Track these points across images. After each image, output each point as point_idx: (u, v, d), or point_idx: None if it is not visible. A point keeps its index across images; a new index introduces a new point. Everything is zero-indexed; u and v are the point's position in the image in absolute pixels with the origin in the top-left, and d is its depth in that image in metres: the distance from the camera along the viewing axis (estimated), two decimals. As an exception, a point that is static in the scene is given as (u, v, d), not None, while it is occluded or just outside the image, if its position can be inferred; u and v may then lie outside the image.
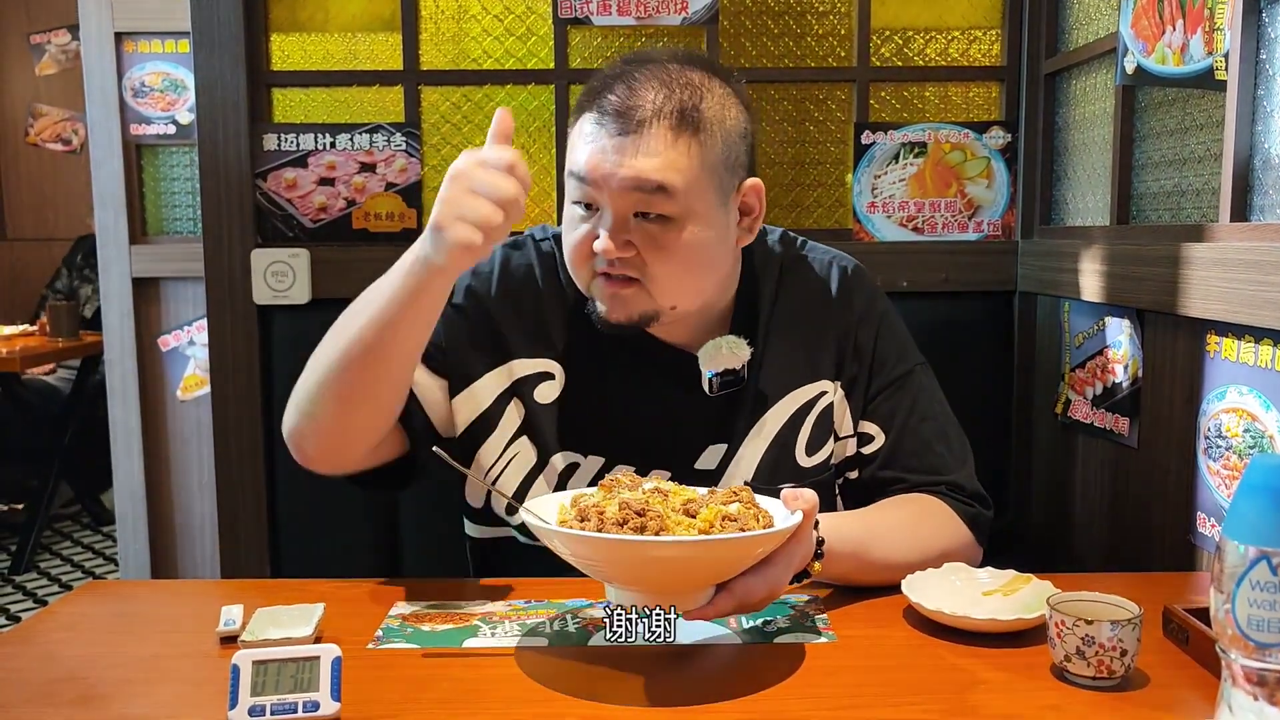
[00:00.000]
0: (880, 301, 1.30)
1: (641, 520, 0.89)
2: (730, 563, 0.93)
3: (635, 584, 0.93)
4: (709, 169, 1.12)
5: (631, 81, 1.11)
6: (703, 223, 1.12)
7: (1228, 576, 0.72)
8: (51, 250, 5.19)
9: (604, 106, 1.10)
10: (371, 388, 1.09)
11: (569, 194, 1.15)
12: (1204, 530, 1.38)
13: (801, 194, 2.04)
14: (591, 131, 1.11)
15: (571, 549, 0.92)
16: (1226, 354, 1.33)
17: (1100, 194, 1.74)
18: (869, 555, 1.11)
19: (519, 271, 1.25)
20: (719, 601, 0.95)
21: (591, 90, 1.13)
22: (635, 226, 1.11)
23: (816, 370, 1.25)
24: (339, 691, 0.84)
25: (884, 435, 1.24)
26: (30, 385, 4.16)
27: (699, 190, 1.11)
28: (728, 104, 1.14)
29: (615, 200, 1.10)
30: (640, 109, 1.09)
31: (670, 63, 1.13)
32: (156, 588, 1.61)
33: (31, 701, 0.89)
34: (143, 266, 2.55)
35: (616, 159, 1.09)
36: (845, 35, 2.02)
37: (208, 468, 2.47)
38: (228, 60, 1.94)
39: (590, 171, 1.10)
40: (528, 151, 2.03)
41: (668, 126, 1.09)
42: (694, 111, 1.10)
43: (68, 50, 5.52)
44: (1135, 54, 1.53)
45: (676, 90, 1.10)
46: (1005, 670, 0.94)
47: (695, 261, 1.14)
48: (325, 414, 1.12)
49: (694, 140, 1.10)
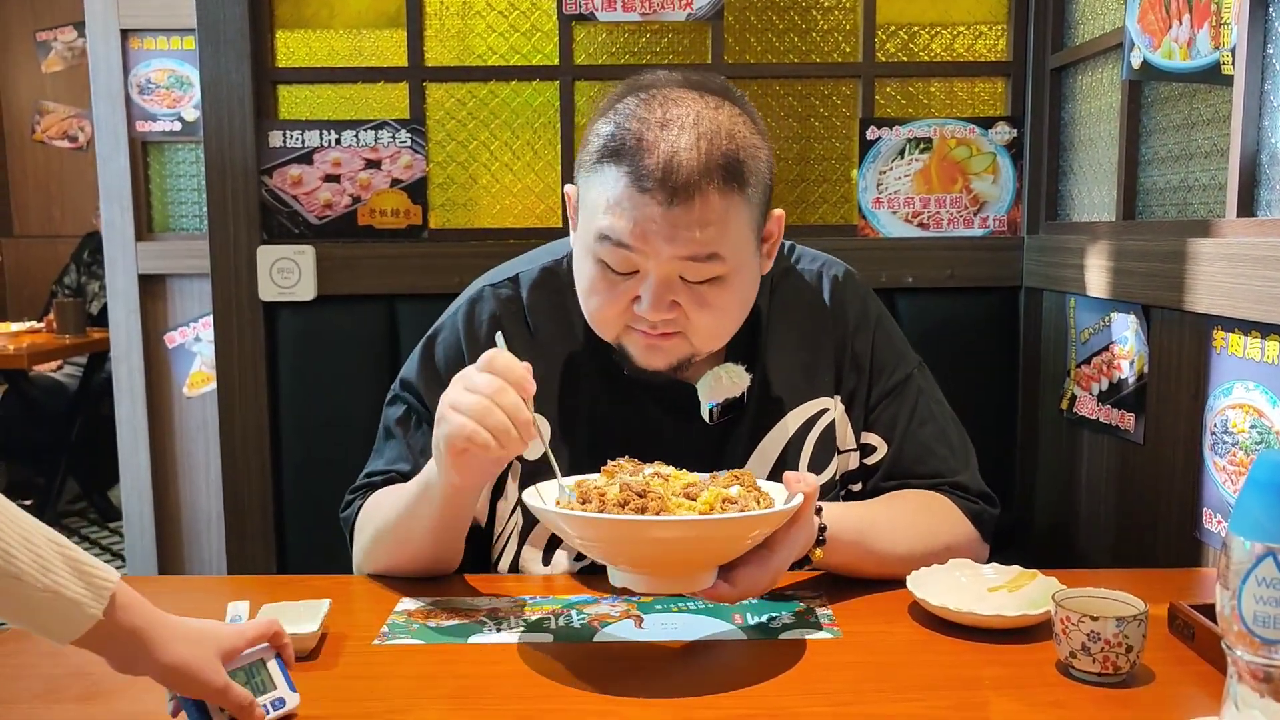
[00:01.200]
0: (873, 306, 1.27)
1: (642, 501, 0.90)
2: (730, 543, 0.94)
3: (635, 565, 0.94)
4: (751, 221, 1.08)
5: (666, 134, 1.03)
6: (746, 271, 1.10)
7: (1234, 573, 0.72)
8: (58, 247, 5.21)
9: (643, 169, 1.02)
10: (449, 551, 1.17)
11: (595, 252, 1.07)
12: (1210, 526, 1.38)
13: (806, 190, 2.04)
14: (632, 197, 1.03)
15: (574, 530, 0.93)
16: (1233, 350, 1.32)
17: (1106, 189, 1.74)
18: (872, 545, 1.11)
19: (482, 329, 1.22)
20: (721, 587, 0.95)
21: (618, 142, 1.05)
22: (680, 286, 1.06)
23: (815, 387, 1.23)
24: (293, 684, 0.86)
25: (886, 445, 1.23)
26: (37, 382, 4.18)
27: (744, 243, 1.08)
28: (754, 137, 1.08)
29: (663, 267, 1.05)
30: (686, 170, 1.01)
31: (690, 96, 1.06)
32: (163, 583, 1.61)
33: (38, 697, 0.90)
34: (149, 263, 2.56)
35: (669, 231, 1.02)
36: (850, 30, 2.01)
37: (214, 464, 2.48)
38: (233, 57, 1.94)
39: (636, 241, 1.04)
40: (533, 148, 2.03)
41: (716, 190, 1.03)
42: (737, 165, 1.04)
43: (74, 47, 5.53)
44: (1142, 49, 1.53)
45: (718, 141, 1.03)
46: (1010, 666, 0.94)
47: (738, 309, 1.12)
48: (406, 569, 1.18)
49: (740, 196, 1.05)
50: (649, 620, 1.05)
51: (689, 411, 1.19)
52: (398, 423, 1.23)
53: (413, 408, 1.23)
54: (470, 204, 2.04)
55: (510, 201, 2.04)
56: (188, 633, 0.80)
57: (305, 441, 1.97)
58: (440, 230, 2.03)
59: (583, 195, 1.11)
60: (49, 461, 4.05)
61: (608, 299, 1.09)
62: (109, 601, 0.74)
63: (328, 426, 1.94)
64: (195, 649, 0.79)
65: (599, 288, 1.09)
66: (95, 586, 0.73)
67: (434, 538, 1.13)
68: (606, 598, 1.11)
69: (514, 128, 2.02)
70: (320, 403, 1.94)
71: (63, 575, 0.72)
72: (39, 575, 0.70)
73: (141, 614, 0.77)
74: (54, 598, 0.71)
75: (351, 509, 1.23)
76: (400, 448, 1.22)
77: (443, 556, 1.16)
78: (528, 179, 2.04)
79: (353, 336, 1.93)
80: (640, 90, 1.09)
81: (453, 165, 2.03)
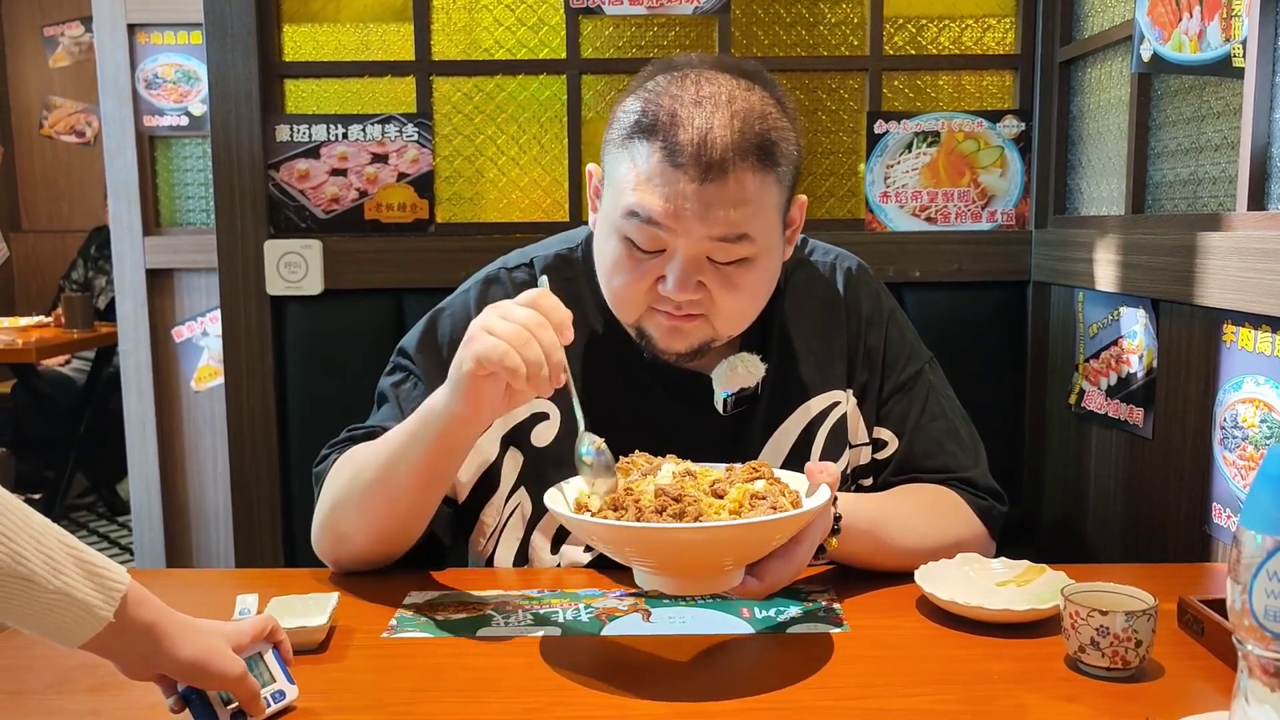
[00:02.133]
0: (886, 300, 1.27)
1: (679, 506, 0.90)
2: (764, 543, 0.94)
3: (670, 570, 0.93)
4: (780, 204, 1.08)
5: (700, 111, 1.02)
6: (772, 255, 1.09)
7: (1244, 567, 0.71)
8: (66, 242, 5.22)
9: (676, 145, 1.00)
10: (417, 515, 1.11)
11: (622, 229, 1.06)
12: (1219, 521, 1.37)
13: (814, 184, 2.04)
14: (665, 173, 1.01)
15: (609, 539, 0.92)
16: (1243, 344, 1.32)
17: (1115, 183, 1.73)
18: (884, 537, 1.11)
19: None
20: (750, 583, 0.95)
21: (650, 118, 1.03)
22: (708, 267, 1.05)
23: (828, 380, 1.22)
24: (291, 676, 0.87)
25: (897, 440, 1.23)
26: (45, 376, 4.20)
27: (773, 226, 1.07)
28: (785, 120, 1.07)
29: (692, 246, 1.03)
30: (720, 148, 1.00)
31: (723, 77, 1.05)
32: (172, 577, 1.62)
33: (50, 688, 0.90)
34: (156, 258, 2.57)
35: (702, 209, 1.01)
36: (858, 23, 2.01)
37: (222, 458, 2.49)
38: (240, 51, 1.94)
39: (667, 219, 1.02)
40: (539, 142, 2.03)
41: (750, 168, 1.02)
42: (770, 145, 1.03)
43: (81, 42, 5.54)
44: (1152, 41, 1.52)
45: (751, 120, 1.02)
46: (1019, 661, 0.94)
47: (763, 293, 1.11)
48: (363, 540, 1.13)
49: (772, 177, 1.04)
50: (657, 615, 1.05)
51: (703, 402, 1.18)
52: (392, 386, 1.21)
53: (411, 373, 1.20)
54: (477, 198, 2.04)
55: (517, 195, 2.04)
56: (199, 625, 0.80)
57: (313, 435, 1.97)
58: (447, 224, 2.03)
59: (609, 172, 1.09)
60: (57, 455, 4.06)
61: (632, 278, 1.07)
62: (120, 603, 0.73)
63: (335, 420, 1.93)
64: (211, 639, 0.80)
65: (624, 266, 1.07)
66: (106, 588, 0.73)
67: (416, 482, 1.06)
68: (615, 592, 1.11)
69: (521, 121, 2.02)
70: (328, 396, 1.94)
71: (73, 577, 0.71)
72: (50, 577, 0.70)
73: (155, 610, 0.77)
74: (65, 600, 0.71)
75: (326, 462, 1.18)
76: (392, 408, 1.19)
77: (414, 514, 1.10)
78: (534, 173, 2.04)
79: (360, 330, 1.94)
80: (672, 69, 1.08)
81: (459, 159, 2.03)
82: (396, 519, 1.11)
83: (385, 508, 1.09)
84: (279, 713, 0.85)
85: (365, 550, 1.14)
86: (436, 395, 1.02)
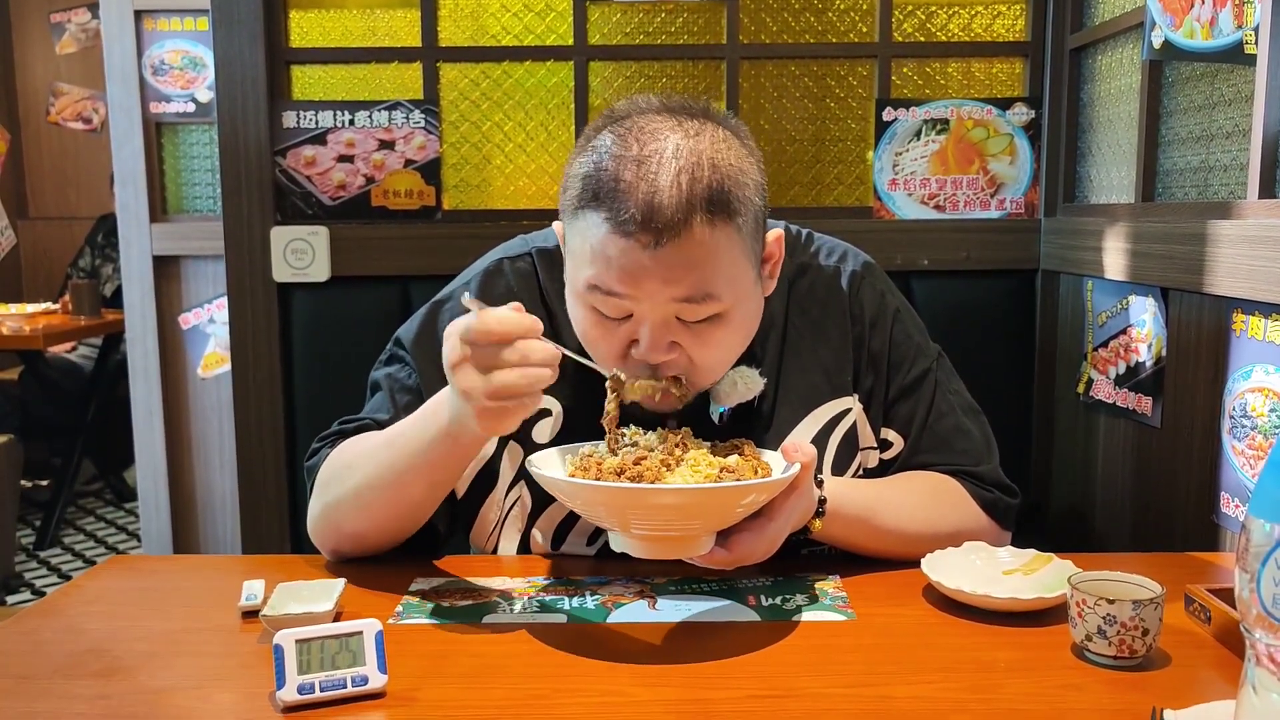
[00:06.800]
0: (891, 299, 1.24)
1: (638, 469, 0.95)
2: (724, 510, 0.95)
3: (632, 531, 0.96)
4: (745, 251, 1.02)
5: (644, 172, 0.97)
6: (746, 304, 1.05)
7: (1253, 555, 0.71)
8: (73, 229, 5.23)
9: (624, 213, 0.97)
10: (422, 512, 1.12)
11: (587, 299, 1.03)
12: (1227, 511, 1.37)
13: (822, 171, 2.03)
14: (616, 243, 0.98)
15: (574, 495, 0.97)
16: (1253, 333, 1.31)
17: (1125, 171, 1.72)
18: (878, 521, 1.11)
19: (501, 301, 1.14)
20: (717, 553, 0.97)
21: (595, 184, 1.00)
22: (678, 327, 1.02)
23: (836, 387, 1.20)
24: (385, 664, 0.85)
25: (902, 441, 1.22)
26: (53, 363, 4.20)
27: (740, 276, 1.03)
28: (741, 161, 1.02)
29: (658, 310, 1.00)
30: (669, 209, 0.96)
31: (668, 125, 1.01)
32: (179, 563, 1.62)
33: (59, 673, 0.91)
34: (163, 245, 2.57)
35: (661, 273, 0.97)
36: (867, 10, 2.00)
37: (228, 444, 2.50)
38: (247, 38, 1.94)
39: (627, 288, 0.99)
40: (546, 129, 2.02)
41: (704, 223, 0.97)
42: (723, 195, 0.98)
43: (88, 29, 5.53)
44: (1163, 28, 1.51)
45: (699, 173, 0.98)
46: (1025, 649, 0.94)
47: (741, 342, 1.08)
48: (365, 534, 1.14)
49: (729, 227, 0.99)
50: (663, 602, 1.05)
51: (699, 413, 1.15)
52: (386, 377, 1.21)
53: (406, 364, 1.21)
54: (484, 185, 2.04)
55: (524, 182, 2.04)
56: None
57: (319, 421, 1.97)
58: (454, 211, 2.03)
59: (568, 239, 1.07)
60: (65, 442, 4.07)
61: (605, 345, 1.05)
62: None
63: (341, 407, 1.93)
64: None
65: (594, 335, 1.06)
66: None
67: (427, 476, 1.06)
68: (620, 579, 1.11)
69: (528, 108, 2.02)
70: (334, 383, 1.94)
71: None
72: None
73: None
74: None
75: (319, 456, 1.17)
76: (384, 399, 1.19)
77: (419, 512, 1.11)
78: (541, 160, 2.03)
79: (366, 317, 1.94)
80: (615, 123, 1.04)
81: (466, 146, 2.03)
82: (401, 518, 1.12)
83: (390, 508, 1.10)
84: (356, 696, 0.84)
85: (366, 542, 1.16)
86: (445, 409, 1.00)
